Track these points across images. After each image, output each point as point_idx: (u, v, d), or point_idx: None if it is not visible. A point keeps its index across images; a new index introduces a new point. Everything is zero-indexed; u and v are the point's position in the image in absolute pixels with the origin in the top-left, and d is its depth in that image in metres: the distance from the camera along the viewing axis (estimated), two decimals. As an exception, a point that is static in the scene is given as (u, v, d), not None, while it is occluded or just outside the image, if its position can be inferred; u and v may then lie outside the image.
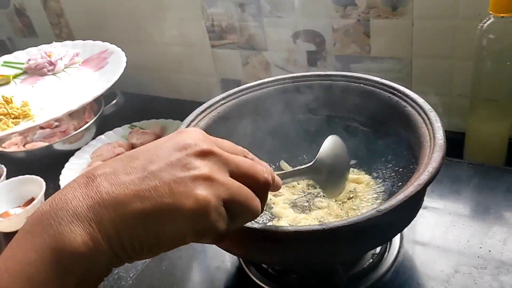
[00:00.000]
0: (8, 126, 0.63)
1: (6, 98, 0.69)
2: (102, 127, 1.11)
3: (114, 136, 1.10)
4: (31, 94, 0.71)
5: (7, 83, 0.77)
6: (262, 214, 0.64)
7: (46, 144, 1.06)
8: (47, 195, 0.95)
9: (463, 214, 0.66)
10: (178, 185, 0.34)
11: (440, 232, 0.64)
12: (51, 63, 0.79)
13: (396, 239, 0.64)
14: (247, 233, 0.46)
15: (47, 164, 1.03)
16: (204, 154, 0.37)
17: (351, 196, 0.63)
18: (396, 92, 0.63)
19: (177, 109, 1.04)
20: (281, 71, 1.05)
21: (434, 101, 0.92)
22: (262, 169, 0.40)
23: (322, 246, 0.48)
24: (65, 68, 0.79)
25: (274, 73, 1.07)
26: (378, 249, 0.63)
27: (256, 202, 0.38)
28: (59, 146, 1.06)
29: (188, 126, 0.63)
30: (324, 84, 0.67)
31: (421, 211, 0.53)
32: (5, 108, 0.66)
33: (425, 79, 0.92)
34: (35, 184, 0.94)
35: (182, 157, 0.36)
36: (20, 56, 0.82)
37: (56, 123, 1.16)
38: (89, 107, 1.17)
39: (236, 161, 0.38)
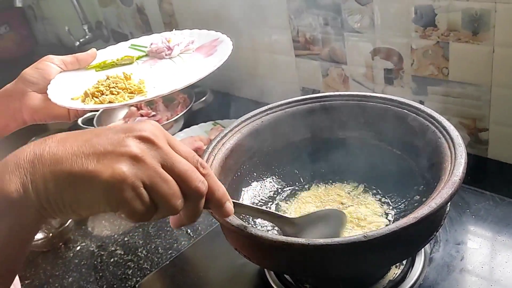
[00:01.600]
0: (124, 99, 0.73)
1: (126, 74, 0.79)
2: (189, 121, 1.22)
3: (198, 130, 1.20)
4: (148, 74, 0.81)
5: (131, 63, 0.86)
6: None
7: (141, 130, 1.20)
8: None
9: (497, 256, 0.63)
10: (104, 157, 0.37)
11: (472, 268, 0.62)
12: (169, 48, 0.86)
13: (417, 269, 0.63)
14: (236, 233, 0.51)
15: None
16: (143, 139, 0.39)
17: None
18: (434, 121, 0.62)
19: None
20: (358, 85, 1.06)
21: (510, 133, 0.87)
22: (198, 177, 0.41)
23: (308, 259, 0.50)
24: (180, 53, 0.87)
25: (352, 87, 1.08)
26: (394, 276, 0.63)
27: (176, 200, 0.39)
28: (150, 133, 1.19)
29: (229, 131, 0.69)
30: (366, 105, 0.68)
31: (452, 246, 0.52)
32: (123, 83, 0.76)
33: (505, 110, 0.86)
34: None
35: (122, 137, 0.39)
36: (145, 41, 0.92)
37: (153, 113, 1.30)
38: (182, 101, 1.29)
39: (174, 159, 0.39)
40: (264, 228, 0.65)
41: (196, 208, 0.42)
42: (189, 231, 0.89)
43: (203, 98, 1.26)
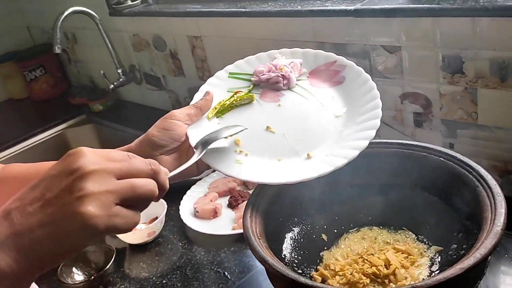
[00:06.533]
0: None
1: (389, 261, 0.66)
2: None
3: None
4: (286, 119, 0.71)
5: (250, 102, 0.74)
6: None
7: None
8: (167, 216, 1.11)
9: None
10: (67, 208, 0.43)
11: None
12: (284, 77, 0.74)
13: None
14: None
15: (172, 189, 1.20)
16: (88, 175, 0.44)
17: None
18: (472, 170, 0.64)
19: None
20: (388, 128, 1.09)
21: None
22: (142, 160, 0.49)
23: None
24: (297, 81, 0.74)
25: (382, 130, 1.11)
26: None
27: (145, 186, 0.47)
28: (185, 175, 1.23)
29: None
30: (405, 154, 0.71)
31: None
32: (381, 271, 0.66)
33: (536, 153, 0.89)
34: (160, 206, 1.11)
35: (69, 183, 0.44)
36: (243, 67, 0.81)
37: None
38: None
39: (117, 167, 0.47)
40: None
41: (162, 179, 0.50)
42: (227, 274, 0.92)
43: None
